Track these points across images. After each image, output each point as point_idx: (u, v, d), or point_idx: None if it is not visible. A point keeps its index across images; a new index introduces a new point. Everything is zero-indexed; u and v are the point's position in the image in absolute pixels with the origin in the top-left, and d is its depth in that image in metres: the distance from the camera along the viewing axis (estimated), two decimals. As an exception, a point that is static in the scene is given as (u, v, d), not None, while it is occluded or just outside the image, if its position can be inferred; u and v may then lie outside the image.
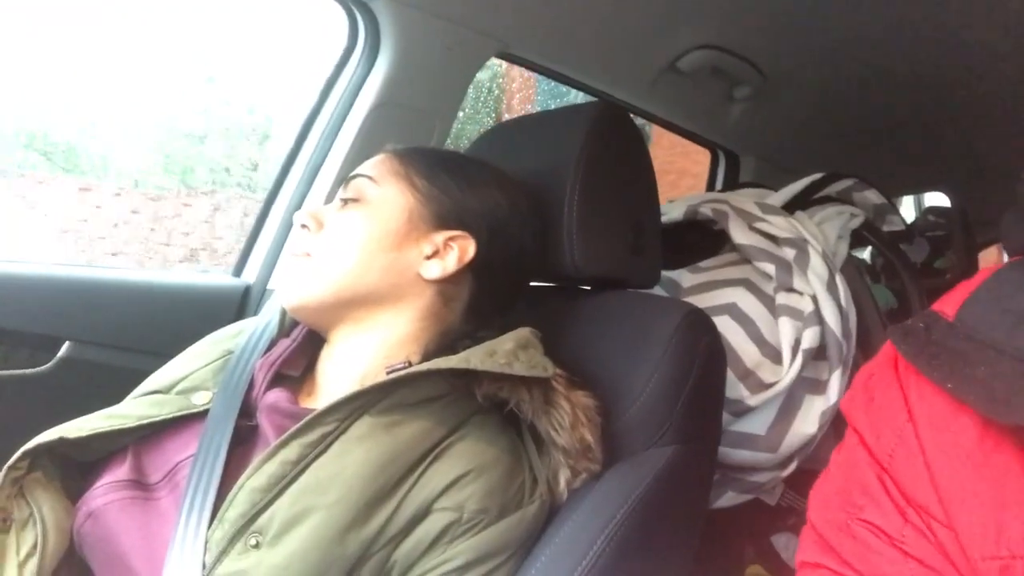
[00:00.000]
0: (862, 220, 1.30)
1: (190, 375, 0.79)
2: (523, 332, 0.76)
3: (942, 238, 1.88)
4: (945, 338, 0.38)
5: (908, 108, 1.85)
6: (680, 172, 5.67)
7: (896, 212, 1.41)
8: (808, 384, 1.08)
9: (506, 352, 0.71)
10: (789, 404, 1.07)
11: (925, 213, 2.00)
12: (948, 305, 0.40)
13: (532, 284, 0.92)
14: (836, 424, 1.11)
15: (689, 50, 1.52)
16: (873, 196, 1.34)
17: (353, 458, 0.66)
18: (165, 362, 0.84)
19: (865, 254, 1.60)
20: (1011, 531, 0.33)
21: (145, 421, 0.72)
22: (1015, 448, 0.33)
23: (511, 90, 7.53)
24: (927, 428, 0.36)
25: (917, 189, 2.48)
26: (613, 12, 1.36)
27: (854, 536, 0.38)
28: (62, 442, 0.70)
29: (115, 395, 0.80)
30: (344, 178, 0.83)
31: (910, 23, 1.36)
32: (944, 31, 1.37)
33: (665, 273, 1.21)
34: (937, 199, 2.48)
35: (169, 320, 1.17)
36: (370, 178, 0.80)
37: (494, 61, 1.46)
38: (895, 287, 1.46)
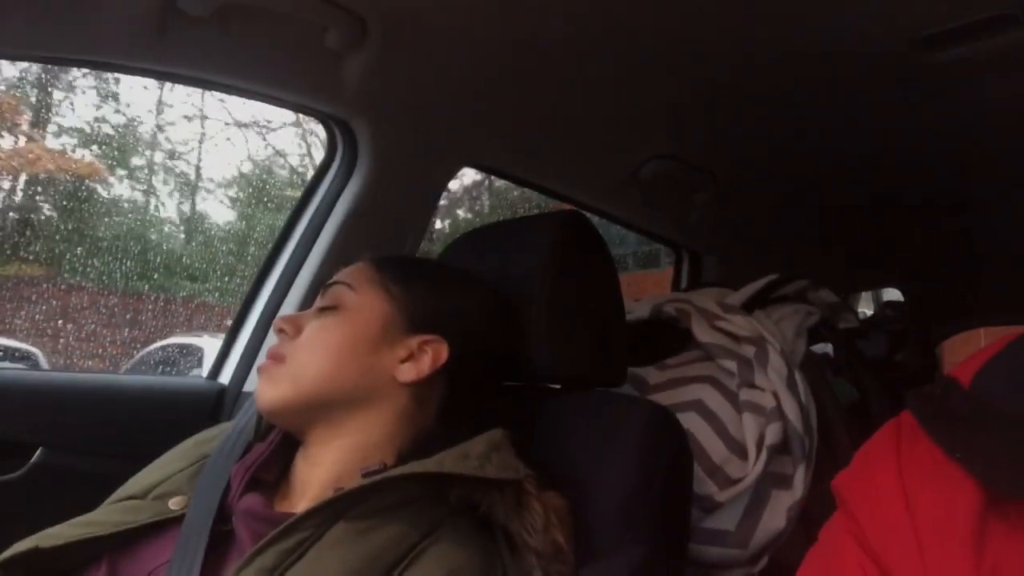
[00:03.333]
0: (818, 318, 1.36)
1: (166, 480, 0.79)
2: (495, 434, 0.77)
3: (899, 332, 1.95)
4: (960, 406, 0.38)
5: (861, 206, 1.95)
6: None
7: (850, 310, 1.48)
8: (774, 479, 1.10)
9: (478, 455, 0.72)
10: (757, 499, 1.08)
11: (883, 308, 2.08)
12: (964, 373, 0.40)
13: (503, 384, 0.95)
14: (805, 519, 1.13)
15: (648, 160, 1.62)
16: (827, 295, 1.40)
17: (328, 565, 0.66)
18: (140, 466, 0.84)
19: (828, 348, 1.66)
20: None
21: (121, 528, 0.72)
22: (1011, 536, 0.33)
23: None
24: (924, 509, 0.36)
25: (873, 285, 2.57)
26: (573, 127, 1.46)
27: None
28: (37, 552, 0.69)
29: (89, 500, 0.80)
30: (319, 283, 0.86)
31: (858, 122, 1.45)
32: (892, 129, 1.45)
33: (633, 370, 1.25)
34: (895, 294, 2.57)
35: (144, 423, 1.16)
36: (348, 285, 0.83)
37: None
38: (855, 381, 1.50)
